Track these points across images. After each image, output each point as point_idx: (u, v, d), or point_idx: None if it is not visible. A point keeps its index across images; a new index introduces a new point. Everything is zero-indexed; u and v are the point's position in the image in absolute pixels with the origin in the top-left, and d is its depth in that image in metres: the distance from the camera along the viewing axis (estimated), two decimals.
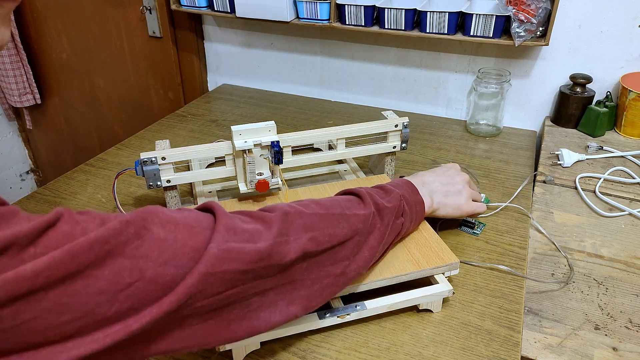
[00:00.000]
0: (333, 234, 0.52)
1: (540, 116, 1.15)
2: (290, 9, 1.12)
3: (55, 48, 1.60)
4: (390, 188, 0.64)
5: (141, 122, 1.46)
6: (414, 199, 0.67)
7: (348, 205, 0.57)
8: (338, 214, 0.54)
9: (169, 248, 0.40)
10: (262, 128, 0.73)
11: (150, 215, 0.41)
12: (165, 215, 0.43)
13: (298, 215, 0.51)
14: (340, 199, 0.59)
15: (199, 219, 0.45)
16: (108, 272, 0.36)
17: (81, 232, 0.36)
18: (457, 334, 0.60)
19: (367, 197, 0.59)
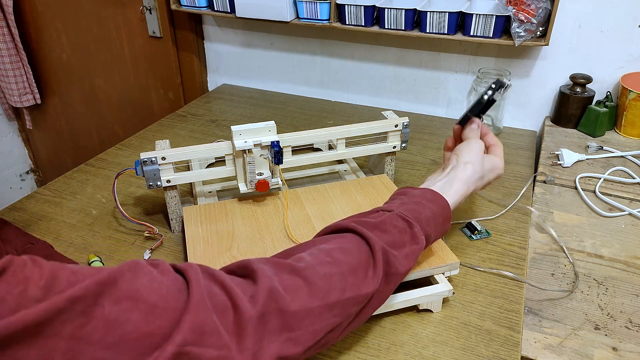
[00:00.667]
0: (320, 329, 0.44)
1: (540, 116, 1.15)
2: (290, 9, 1.12)
3: (55, 48, 1.60)
4: (418, 230, 0.54)
5: (141, 122, 1.46)
6: (442, 231, 0.59)
7: (351, 280, 0.47)
8: (333, 303, 0.45)
9: (117, 330, 0.34)
10: (262, 128, 0.73)
11: (110, 285, 0.35)
12: (128, 286, 0.36)
13: (277, 314, 0.42)
14: (345, 263, 0.48)
15: (168, 294, 0.38)
16: (34, 354, 0.31)
17: (18, 297, 0.31)
18: (457, 334, 0.60)
19: (381, 259, 0.50)
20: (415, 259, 0.54)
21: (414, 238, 0.54)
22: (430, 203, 0.58)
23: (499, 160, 0.68)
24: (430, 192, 0.60)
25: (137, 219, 0.77)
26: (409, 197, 0.59)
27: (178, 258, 0.73)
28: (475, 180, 0.64)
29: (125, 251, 0.74)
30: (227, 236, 0.69)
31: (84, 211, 0.84)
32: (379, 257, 0.50)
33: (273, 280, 0.43)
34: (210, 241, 0.68)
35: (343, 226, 0.53)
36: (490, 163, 0.66)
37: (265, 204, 0.76)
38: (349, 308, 0.47)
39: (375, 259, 0.50)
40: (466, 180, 0.63)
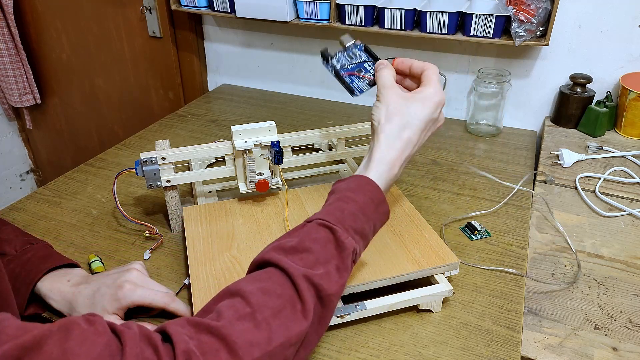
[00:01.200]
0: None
1: (540, 116, 1.15)
2: (290, 9, 1.12)
3: (55, 48, 1.60)
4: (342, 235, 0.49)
5: (141, 122, 1.46)
6: (377, 216, 0.53)
7: (277, 325, 0.42)
8: (258, 357, 0.41)
9: None
10: (262, 128, 0.73)
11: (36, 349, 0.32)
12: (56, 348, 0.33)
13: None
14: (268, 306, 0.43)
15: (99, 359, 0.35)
16: None
17: None
18: (457, 334, 0.60)
19: (307, 290, 0.45)
20: (350, 266, 0.49)
21: (340, 245, 0.48)
22: (354, 193, 0.52)
23: (430, 89, 0.56)
24: (354, 179, 0.53)
25: (137, 219, 0.77)
26: (335, 194, 0.53)
27: (178, 258, 0.73)
28: (399, 134, 0.54)
29: (125, 251, 0.74)
30: (227, 236, 0.69)
31: (84, 211, 0.84)
32: (303, 286, 0.44)
33: (189, 345, 0.39)
34: (210, 241, 0.68)
35: (261, 260, 0.48)
36: (417, 101, 0.55)
37: (265, 204, 0.76)
38: (282, 354, 0.42)
39: (300, 290, 0.44)
40: (386, 143, 0.54)
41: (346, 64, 0.64)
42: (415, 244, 0.66)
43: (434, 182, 0.91)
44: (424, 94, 0.56)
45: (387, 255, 0.64)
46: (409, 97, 0.56)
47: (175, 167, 0.74)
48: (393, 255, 0.64)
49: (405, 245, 0.66)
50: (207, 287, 0.60)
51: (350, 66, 0.64)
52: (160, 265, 0.71)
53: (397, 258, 0.64)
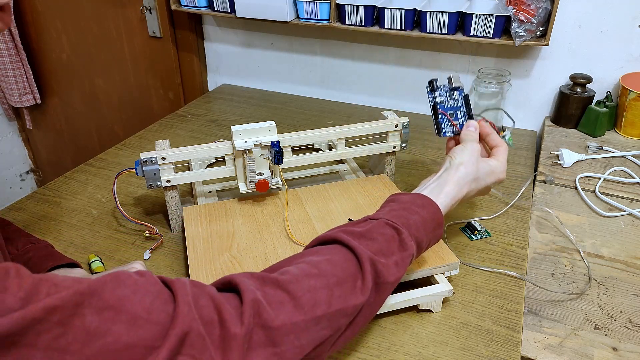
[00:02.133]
0: (306, 343, 0.43)
1: (540, 116, 1.15)
2: (290, 9, 1.12)
3: (55, 48, 1.60)
4: (407, 237, 0.53)
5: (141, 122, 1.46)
6: (434, 237, 0.58)
7: (338, 293, 0.46)
8: (319, 316, 0.44)
9: (97, 342, 0.33)
10: (262, 128, 0.73)
11: (91, 295, 0.34)
12: (111, 296, 0.35)
13: (261, 329, 0.41)
14: (332, 275, 0.47)
15: (152, 307, 0.37)
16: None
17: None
18: (457, 334, 0.60)
19: (369, 270, 0.49)
20: (406, 266, 0.53)
21: (403, 245, 0.53)
22: (420, 208, 0.56)
23: (499, 164, 0.65)
24: (420, 197, 0.58)
25: (137, 219, 0.77)
26: (398, 203, 0.57)
27: (178, 258, 0.73)
28: (469, 182, 0.62)
29: (126, 251, 0.74)
30: (227, 236, 0.69)
31: (84, 211, 0.84)
32: (367, 267, 0.48)
33: (257, 294, 0.42)
34: (210, 241, 0.68)
35: (330, 237, 0.52)
36: (488, 166, 0.64)
37: (265, 204, 0.76)
38: (338, 320, 0.46)
39: (364, 270, 0.48)
40: (457, 182, 0.61)
41: (445, 102, 0.71)
42: None
43: None
44: (497, 165, 0.65)
45: None
46: (486, 159, 0.65)
47: (175, 167, 0.74)
48: None
49: None
50: None
51: (448, 106, 0.71)
52: (160, 266, 0.71)
53: None
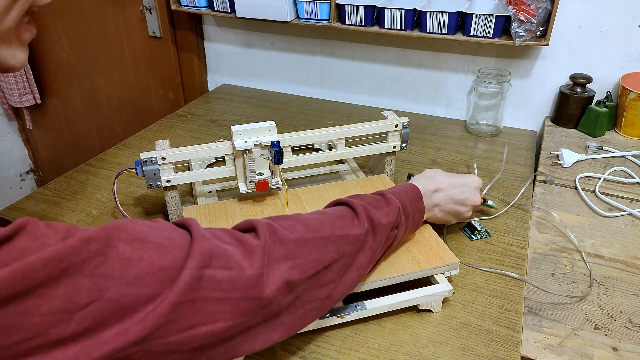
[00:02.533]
0: (318, 259, 0.50)
1: (540, 116, 1.15)
2: (290, 9, 1.12)
3: (55, 48, 1.60)
4: (391, 197, 0.61)
5: (141, 122, 1.46)
6: (415, 207, 0.65)
7: (339, 224, 0.54)
8: (325, 237, 0.51)
9: (134, 267, 0.37)
10: (262, 128, 0.73)
11: (117, 230, 0.38)
12: (134, 231, 0.39)
13: (279, 244, 0.48)
14: (331, 214, 0.56)
15: (172, 236, 0.41)
16: (63, 291, 0.34)
17: (38, 248, 0.34)
18: (457, 334, 0.60)
19: (362, 212, 0.56)
20: (395, 217, 0.59)
21: (388, 200, 0.61)
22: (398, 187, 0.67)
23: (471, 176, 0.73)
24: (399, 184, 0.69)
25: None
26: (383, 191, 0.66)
27: None
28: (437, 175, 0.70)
29: None
30: None
31: (84, 211, 0.84)
32: (360, 210, 0.56)
33: (271, 223, 0.49)
34: None
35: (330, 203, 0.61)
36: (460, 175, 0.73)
37: (265, 204, 0.76)
38: (343, 245, 0.52)
39: (357, 212, 0.56)
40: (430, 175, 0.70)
41: None
42: (415, 244, 0.66)
43: None
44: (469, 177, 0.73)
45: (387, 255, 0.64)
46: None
47: (175, 167, 0.74)
48: (393, 255, 0.64)
49: (405, 245, 0.66)
50: None
51: None
52: None
53: (397, 258, 0.64)
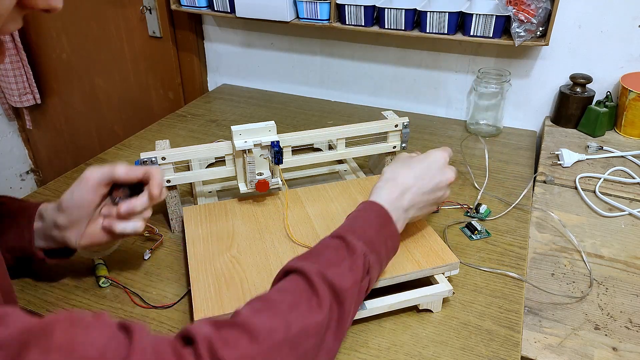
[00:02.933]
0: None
1: (540, 116, 1.15)
2: (290, 9, 1.12)
3: (55, 48, 1.60)
4: (352, 241, 0.53)
5: (141, 122, 1.46)
6: (386, 235, 0.57)
7: (295, 315, 0.45)
8: (279, 342, 0.42)
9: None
10: (262, 128, 0.73)
11: (42, 334, 0.32)
12: (62, 336, 0.33)
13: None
14: (283, 301, 0.46)
15: (105, 349, 0.34)
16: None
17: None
18: (457, 334, 0.60)
19: (321, 282, 0.48)
20: (361, 268, 0.52)
21: (350, 249, 0.52)
22: (363, 212, 0.59)
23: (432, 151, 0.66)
24: (363, 203, 0.61)
25: None
26: (348, 218, 0.59)
27: (178, 258, 0.73)
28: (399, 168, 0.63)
29: (126, 251, 0.74)
30: (227, 236, 0.69)
31: None
32: (317, 282, 0.48)
33: (211, 336, 0.40)
34: (210, 241, 0.68)
35: (281, 271, 0.52)
36: (424, 156, 0.65)
37: (265, 204, 0.76)
38: (302, 344, 0.44)
39: (315, 285, 0.47)
40: (390, 177, 0.62)
41: None
42: (415, 244, 0.66)
43: None
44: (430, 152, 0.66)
45: None
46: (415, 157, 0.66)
47: (175, 167, 0.74)
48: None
49: (405, 245, 0.66)
50: (207, 287, 0.60)
51: None
52: (161, 266, 0.71)
53: (397, 258, 0.64)
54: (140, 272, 0.70)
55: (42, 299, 0.66)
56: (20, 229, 0.61)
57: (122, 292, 0.67)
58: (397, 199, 0.60)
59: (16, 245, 0.61)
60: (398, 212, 0.60)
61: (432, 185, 0.63)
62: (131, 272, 0.70)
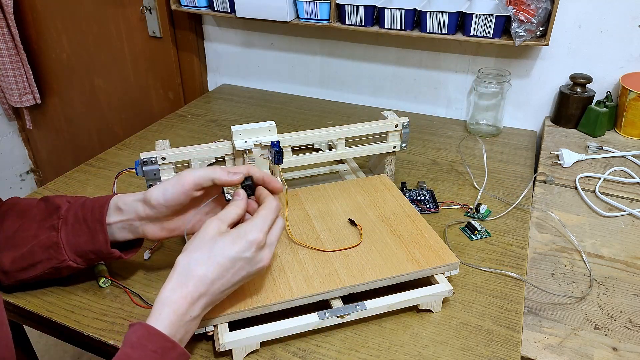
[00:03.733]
0: None
1: (540, 116, 1.15)
2: (290, 9, 1.12)
3: (55, 48, 1.60)
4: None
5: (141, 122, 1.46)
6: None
7: None
8: None
9: None
10: (262, 128, 0.73)
11: None
12: None
13: None
14: None
15: None
16: None
17: None
18: (457, 334, 0.60)
19: None
20: None
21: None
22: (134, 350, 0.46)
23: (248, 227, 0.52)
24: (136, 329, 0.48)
25: None
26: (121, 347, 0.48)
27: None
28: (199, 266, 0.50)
29: None
30: None
31: None
32: None
33: None
34: None
35: None
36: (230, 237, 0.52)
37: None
38: None
39: None
40: (181, 272, 0.51)
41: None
42: (415, 244, 0.66)
43: (434, 182, 0.91)
44: (238, 230, 0.53)
45: (387, 255, 0.64)
46: (224, 232, 0.53)
47: (175, 167, 0.74)
48: (393, 255, 0.64)
49: (405, 245, 0.66)
50: None
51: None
52: (161, 266, 0.71)
53: (397, 258, 0.64)
54: (140, 272, 0.70)
55: (42, 299, 0.66)
56: (92, 232, 0.60)
57: (122, 292, 0.67)
58: (184, 313, 0.49)
59: (88, 249, 0.60)
60: (187, 325, 0.50)
61: (236, 280, 0.52)
62: (131, 272, 0.70)
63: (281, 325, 0.57)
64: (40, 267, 0.61)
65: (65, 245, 0.60)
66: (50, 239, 0.60)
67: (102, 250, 0.60)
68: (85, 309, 0.64)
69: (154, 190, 0.59)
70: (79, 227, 0.61)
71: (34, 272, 0.62)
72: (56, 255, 0.60)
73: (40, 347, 1.60)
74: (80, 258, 0.61)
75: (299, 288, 0.59)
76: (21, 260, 0.61)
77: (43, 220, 0.62)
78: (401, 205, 0.75)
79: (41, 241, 0.60)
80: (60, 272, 0.63)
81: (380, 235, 0.68)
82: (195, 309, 0.50)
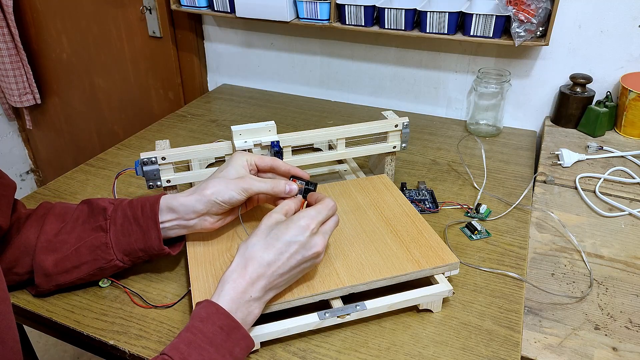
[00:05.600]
0: None
1: (540, 116, 1.15)
2: (290, 9, 1.12)
3: (55, 48, 1.60)
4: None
5: (141, 122, 1.46)
6: (232, 343, 0.51)
7: None
8: None
9: None
10: (262, 128, 0.73)
11: None
12: None
13: None
14: None
15: None
16: None
17: None
18: (457, 334, 0.60)
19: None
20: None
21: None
22: (203, 323, 0.50)
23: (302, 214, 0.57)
24: (205, 306, 0.52)
25: None
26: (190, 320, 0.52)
27: (178, 258, 0.73)
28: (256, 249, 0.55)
29: None
30: (227, 237, 0.69)
31: None
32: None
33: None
34: (210, 241, 0.68)
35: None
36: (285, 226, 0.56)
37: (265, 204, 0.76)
38: None
39: None
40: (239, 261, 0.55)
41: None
42: (415, 244, 0.66)
43: (434, 182, 0.91)
44: (292, 217, 0.57)
45: (387, 255, 0.64)
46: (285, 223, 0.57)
47: (175, 167, 0.74)
48: (393, 255, 0.64)
49: (405, 245, 0.66)
50: (207, 287, 0.60)
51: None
52: (160, 266, 0.71)
53: (397, 258, 0.64)
54: (140, 272, 0.70)
55: (42, 299, 0.66)
56: (144, 230, 0.61)
57: (122, 292, 0.67)
58: (244, 292, 0.53)
59: (139, 247, 0.62)
60: (247, 307, 0.53)
61: (292, 264, 0.55)
62: (131, 272, 0.70)
63: (281, 325, 0.57)
64: (86, 268, 0.62)
65: (114, 245, 0.61)
66: (98, 239, 0.61)
67: (153, 247, 0.62)
68: (85, 309, 0.64)
69: (212, 186, 0.62)
70: (129, 227, 0.62)
71: (78, 274, 0.62)
72: (104, 256, 0.61)
73: (40, 347, 1.60)
74: (127, 257, 0.63)
75: (299, 288, 0.59)
76: (65, 261, 0.61)
77: (87, 222, 0.63)
78: (401, 205, 0.75)
79: (88, 242, 0.61)
80: (104, 273, 0.64)
81: (380, 235, 0.68)
82: (254, 289, 0.53)
